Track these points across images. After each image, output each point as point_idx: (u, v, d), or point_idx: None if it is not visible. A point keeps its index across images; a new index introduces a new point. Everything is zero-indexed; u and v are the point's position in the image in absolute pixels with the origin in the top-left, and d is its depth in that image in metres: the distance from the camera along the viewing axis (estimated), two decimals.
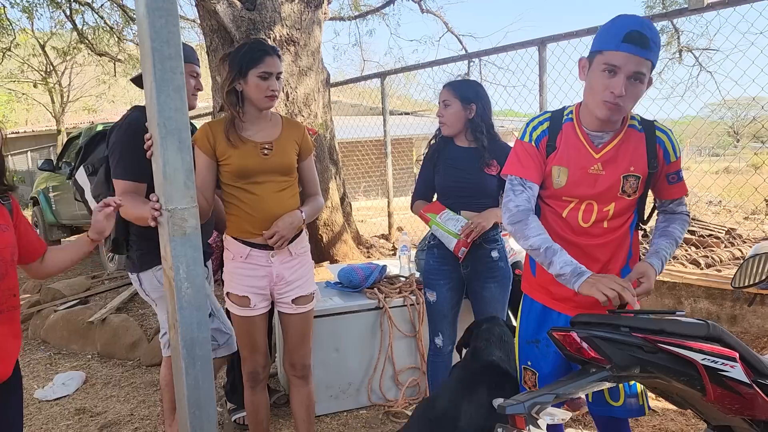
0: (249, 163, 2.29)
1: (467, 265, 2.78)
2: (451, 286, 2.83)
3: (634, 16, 1.78)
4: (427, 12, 11.13)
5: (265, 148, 2.32)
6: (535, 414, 1.50)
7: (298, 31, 5.27)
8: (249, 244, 2.35)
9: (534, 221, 1.91)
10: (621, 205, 1.92)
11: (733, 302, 3.96)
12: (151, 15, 1.89)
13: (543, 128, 1.97)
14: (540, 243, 1.86)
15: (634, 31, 1.72)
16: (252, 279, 2.37)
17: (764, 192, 4.34)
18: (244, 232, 2.34)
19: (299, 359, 2.52)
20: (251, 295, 2.37)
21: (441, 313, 2.87)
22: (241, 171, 2.29)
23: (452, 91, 2.73)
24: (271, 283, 2.39)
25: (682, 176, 1.98)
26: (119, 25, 13.05)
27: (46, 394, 3.87)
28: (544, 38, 4.90)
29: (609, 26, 1.80)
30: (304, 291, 2.45)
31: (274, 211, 2.33)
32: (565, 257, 1.82)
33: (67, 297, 5.63)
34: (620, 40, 1.73)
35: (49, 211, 8.60)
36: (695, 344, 1.52)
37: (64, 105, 19.60)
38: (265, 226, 2.32)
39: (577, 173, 1.91)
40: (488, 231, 2.71)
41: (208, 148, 2.30)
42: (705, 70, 8.23)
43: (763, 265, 2.00)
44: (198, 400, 2.07)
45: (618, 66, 1.74)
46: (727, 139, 15.71)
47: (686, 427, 2.97)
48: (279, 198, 2.35)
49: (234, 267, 2.38)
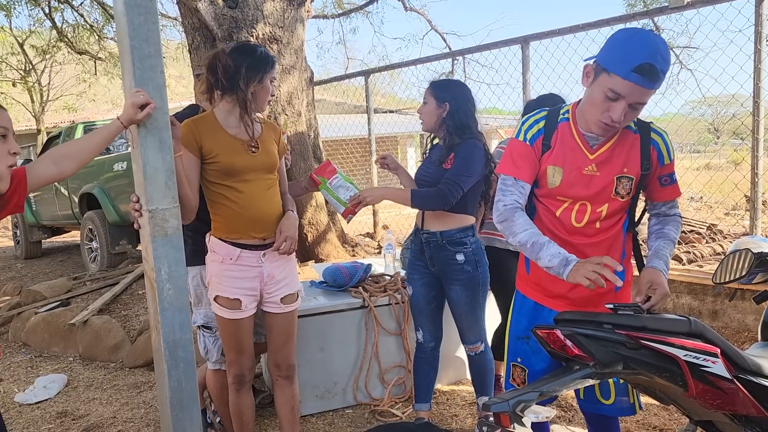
0: (237, 160, 2.27)
1: (434, 265, 2.80)
2: (425, 281, 2.87)
3: (650, 42, 1.70)
4: (410, 10, 11.12)
5: (252, 146, 2.31)
6: (519, 412, 1.50)
7: (281, 29, 5.24)
8: (239, 246, 2.31)
9: (520, 217, 1.91)
10: (614, 206, 1.93)
11: (714, 297, 4.01)
12: (129, 12, 1.87)
13: (539, 127, 1.96)
14: (527, 238, 1.87)
15: (647, 63, 1.67)
16: (243, 281, 2.33)
17: (744, 188, 4.39)
18: (233, 232, 2.31)
19: (284, 359, 2.50)
20: (242, 297, 2.34)
21: (417, 308, 2.92)
22: (230, 168, 2.27)
23: (430, 89, 2.80)
24: (261, 283, 2.37)
25: (675, 179, 1.97)
26: (99, 23, 12.89)
27: (27, 397, 3.81)
28: (527, 36, 4.93)
29: (622, 46, 1.73)
30: (291, 289, 2.45)
31: (264, 209, 2.33)
32: (552, 249, 1.82)
33: (48, 299, 5.54)
34: (630, 70, 1.68)
35: (30, 212, 8.48)
36: (677, 340, 1.54)
37: (44, 104, 19.31)
38: (255, 224, 2.31)
39: (572, 173, 1.91)
40: (454, 233, 2.71)
41: (193, 146, 2.25)
42: (685, 67, 8.31)
43: (743, 261, 2.02)
44: (181, 402, 2.05)
45: (622, 95, 1.73)
46: (707, 135, 15.91)
47: (669, 422, 3.00)
48: (267, 196, 2.35)
49: (223, 269, 2.33)
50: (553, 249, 1.82)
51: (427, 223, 2.79)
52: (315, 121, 6.16)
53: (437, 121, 2.78)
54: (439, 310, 2.94)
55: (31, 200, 8.37)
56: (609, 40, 1.78)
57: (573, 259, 1.77)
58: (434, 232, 2.75)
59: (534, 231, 1.88)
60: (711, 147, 15.13)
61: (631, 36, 1.73)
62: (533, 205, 2.05)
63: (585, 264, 1.72)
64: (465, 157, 2.65)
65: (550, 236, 1.94)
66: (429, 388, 3.01)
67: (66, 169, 1.89)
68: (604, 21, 4.46)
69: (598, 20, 4.49)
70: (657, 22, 7.63)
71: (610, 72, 1.72)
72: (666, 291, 1.80)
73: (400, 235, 6.56)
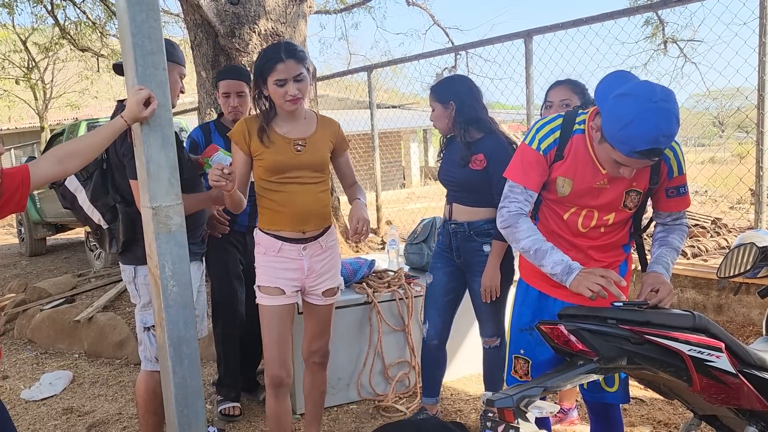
0: (281, 159, 2.33)
1: (460, 256, 2.79)
2: (447, 271, 2.87)
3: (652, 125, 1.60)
4: (413, 5, 11.10)
5: (299, 144, 2.36)
6: (523, 407, 1.50)
7: (283, 25, 5.23)
8: (281, 238, 2.38)
9: (524, 223, 1.92)
10: (621, 216, 1.95)
11: (719, 292, 4.00)
12: (131, 9, 1.87)
13: (554, 138, 1.92)
14: (530, 245, 1.89)
15: (647, 150, 1.63)
16: (285, 272, 2.40)
17: (749, 182, 4.37)
18: (275, 225, 2.38)
19: (321, 346, 2.60)
20: (283, 286, 2.40)
21: (432, 298, 2.92)
22: (274, 167, 2.33)
23: (432, 94, 2.79)
24: (302, 275, 2.43)
25: (683, 191, 1.95)
26: (102, 20, 12.87)
27: (33, 394, 3.83)
28: (530, 30, 4.90)
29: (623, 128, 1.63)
30: (333, 283, 2.52)
31: (306, 206, 2.38)
32: (555, 256, 1.83)
33: (53, 296, 5.56)
34: (632, 151, 1.65)
35: (34, 209, 8.50)
36: (681, 335, 1.54)
37: (47, 101, 19.34)
38: (296, 221, 2.37)
39: (582, 186, 1.91)
40: (481, 224, 2.71)
41: (243, 145, 2.34)
42: (690, 61, 8.25)
43: (748, 255, 2.02)
44: (186, 398, 2.06)
45: (629, 165, 1.74)
46: (712, 129, 15.82)
47: (673, 417, 3.00)
48: (310, 193, 2.39)
49: (266, 261, 2.41)
50: (556, 256, 1.83)
51: (455, 214, 2.78)
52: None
53: (449, 122, 2.76)
54: (453, 305, 2.93)
55: (35, 198, 8.38)
56: (607, 111, 1.70)
57: (576, 267, 1.79)
58: (462, 223, 2.75)
59: (538, 237, 1.89)
60: (715, 140, 15.05)
61: (632, 120, 1.62)
62: (539, 204, 2.05)
63: (589, 275, 1.74)
64: (500, 162, 2.50)
65: (555, 237, 1.95)
66: (435, 384, 3.02)
67: (70, 166, 1.89)
68: (608, 14, 4.44)
69: (601, 14, 4.47)
70: (661, 15, 7.60)
71: (613, 147, 1.70)
72: (670, 288, 1.80)
73: (404, 231, 6.56)
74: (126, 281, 2.51)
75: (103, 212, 2.42)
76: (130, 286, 2.48)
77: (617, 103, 1.67)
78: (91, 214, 2.45)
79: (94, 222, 2.47)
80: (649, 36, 9.30)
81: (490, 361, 2.90)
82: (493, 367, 2.90)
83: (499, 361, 2.87)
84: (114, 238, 2.44)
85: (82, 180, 2.44)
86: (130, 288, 2.48)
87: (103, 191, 2.41)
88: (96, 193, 2.41)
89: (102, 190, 2.41)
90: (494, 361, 2.88)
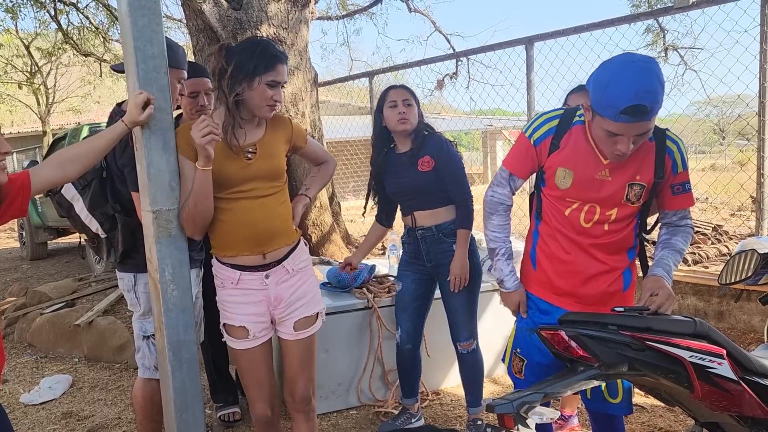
0: (228, 170, 2.00)
1: (431, 260, 2.81)
2: (416, 278, 2.90)
3: (631, 81, 1.64)
4: (414, 11, 11.11)
5: (248, 151, 2.03)
6: (524, 413, 1.50)
7: (285, 31, 5.25)
8: (239, 267, 2.07)
9: (498, 219, 2.11)
10: (624, 211, 1.93)
11: (719, 298, 3.99)
12: (133, 13, 1.87)
13: (550, 126, 1.97)
14: (492, 240, 2.12)
15: (631, 107, 1.64)
16: (248, 306, 2.09)
17: (750, 189, 4.37)
18: (230, 250, 2.07)
19: (298, 390, 2.19)
20: (249, 325, 2.09)
21: (401, 305, 2.95)
22: (221, 180, 2.00)
23: (409, 92, 2.79)
24: (269, 307, 2.12)
25: (687, 188, 1.95)
26: (105, 25, 12.91)
27: (32, 398, 3.82)
28: (531, 37, 4.91)
29: (604, 91, 1.70)
30: (308, 311, 2.16)
31: (262, 224, 2.05)
32: (500, 265, 2.12)
33: (54, 300, 5.56)
34: (617, 113, 1.67)
35: (35, 213, 8.51)
36: (683, 341, 1.53)
37: (50, 106, 19.41)
38: (253, 242, 2.05)
39: (584, 177, 1.91)
40: (447, 225, 2.75)
41: (191, 155, 1.98)
42: (690, 68, 8.26)
43: (749, 262, 2.01)
44: (185, 403, 2.06)
45: (620, 134, 1.73)
46: (712, 136, 15.85)
47: (675, 424, 2.99)
48: (267, 207, 2.07)
49: (226, 295, 2.11)
50: (500, 264, 2.12)
51: (420, 221, 2.80)
52: (319, 122, 6.16)
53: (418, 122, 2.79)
54: (422, 310, 2.96)
55: (36, 202, 8.39)
56: (593, 81, 1.77)
57: (505, 287, 2.13)
58: (429, 227, 2.78)
59: (500, 236, 2.11)
60: (716, 147, 15.07)
61: (611, 78, 1.69)
62: (542, 202, 2.05)
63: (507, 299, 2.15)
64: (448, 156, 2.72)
65: (557, 235, 1.96)
66: (413, 385, 3.06)
67: (71, 172, 1.89)
68: (609, 21, 4.44)
69: (603, 21, 4.48)
70: (661, 23, 7.61)
71: (602, 115, 1.73)
72: (670, 292, 1.79)
73: None
74: (124, 289, 2.44)
75: (101, 221, 2.38)
76: (129, 294, 2.43)
77: (598, 70, 1.76)
78: (88, 223, 2.41)
79: (92, 231, 2.43)
80: (650, 43, 9.32)
81: (468, 366, 2.88)
82: (472, 373, 2.88)
83: (477, 364, 2.87)
84: (112, 247, 2.41)
85: (80, 188, 2.40)
86: (129, 296, 2.43)
87: (102, 200, 2.37)
88: (94, 202, 2.37)
89: (101, 199, 2.37)
90: (472, 366, 2.87)
